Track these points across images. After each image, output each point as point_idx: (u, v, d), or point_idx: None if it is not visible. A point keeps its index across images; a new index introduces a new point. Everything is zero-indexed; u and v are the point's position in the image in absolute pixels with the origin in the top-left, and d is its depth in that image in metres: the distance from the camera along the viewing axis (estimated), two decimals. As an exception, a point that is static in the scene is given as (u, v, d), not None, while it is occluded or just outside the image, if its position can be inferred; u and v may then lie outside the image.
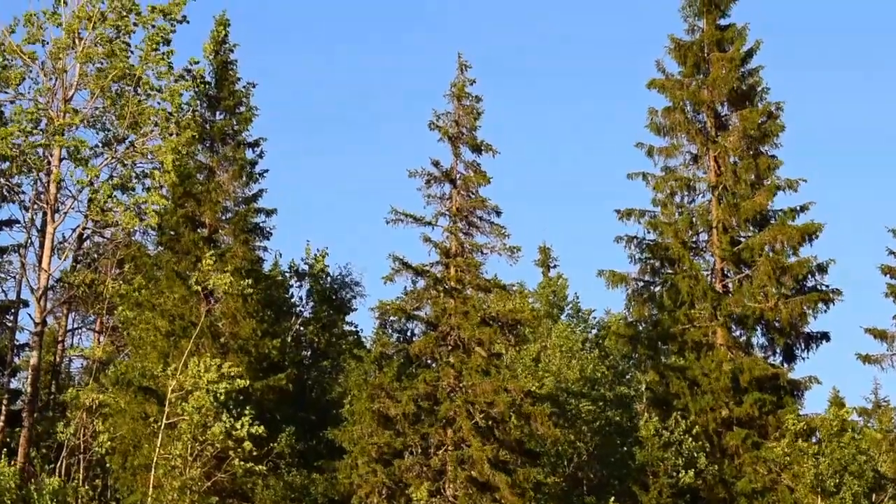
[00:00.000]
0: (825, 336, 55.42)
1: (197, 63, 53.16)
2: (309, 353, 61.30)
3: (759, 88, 57.35)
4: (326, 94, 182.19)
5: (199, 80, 53.52)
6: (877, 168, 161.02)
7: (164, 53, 52.30)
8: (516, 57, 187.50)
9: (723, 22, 58.37)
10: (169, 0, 52.97)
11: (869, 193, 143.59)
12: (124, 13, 52.25)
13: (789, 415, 51.39)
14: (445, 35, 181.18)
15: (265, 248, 56.47)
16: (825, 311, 54.64)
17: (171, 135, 52.17)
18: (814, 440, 51.58)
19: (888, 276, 51.44)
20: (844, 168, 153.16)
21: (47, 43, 51.74)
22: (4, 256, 55.63)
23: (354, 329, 65.82)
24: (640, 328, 58.99)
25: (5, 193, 54.90)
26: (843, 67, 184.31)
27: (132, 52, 52.30)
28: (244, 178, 54.95)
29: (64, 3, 52.21)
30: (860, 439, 52.35)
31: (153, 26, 52.22)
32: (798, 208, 55.42)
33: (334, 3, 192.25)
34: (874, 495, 50.02)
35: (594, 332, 75.12)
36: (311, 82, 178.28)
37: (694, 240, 56.66)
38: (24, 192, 54.13)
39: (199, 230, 52.19)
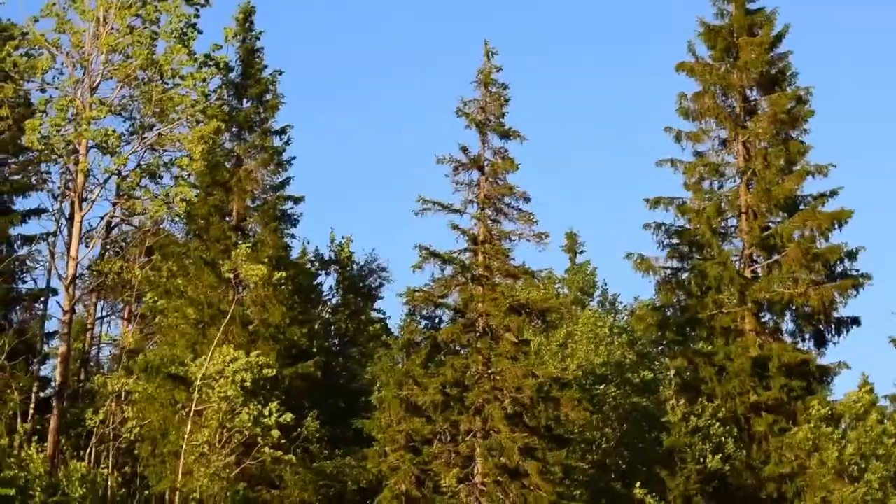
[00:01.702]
0: (856, 321, 55.08)
1: (220, 48, 52.96)
2: (337, 340, 61.26)
3: (789, 73, 57.03)
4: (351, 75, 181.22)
5: (222, 67, 53.35)
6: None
7: (185, 41, 51.97)
8: (544, 40, 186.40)
9: (752, 6, 58.04)
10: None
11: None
12: (149, 6, 52.08)
13: (815, 400, 51.14)
14: (475, 19, 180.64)
15: (293, 236, 56.57)
16: (855, 296, 54.37)
17: (198, 123, 51.93)
18: (842, 426, 51.28)
19: (917, 261, 51.23)
20: (874, 153, 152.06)
21: (73, 33, 51.54)
22: (33, 245, 55.74)
23: (382, 316, 65.81)
24: (669, 314, 58.70)
25: (34, 182, 54.93)
26: (874, 56, 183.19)
27: (158, 40, 52.03)
28: (272, 166, 55.02)
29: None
30: (888, 423, 51.96)
31: (184, 14, 51.97)
32: (828, 193, 55.04)
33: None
34: (904, 480, 49.68)
35: (623, 318, 74.88)
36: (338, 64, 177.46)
37: (722, 225, 56.36)
38: (52, 181, 54.09)
39: (227, 219, 52.37)
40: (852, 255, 54.53)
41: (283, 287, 50.59)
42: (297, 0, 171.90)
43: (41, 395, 51.59)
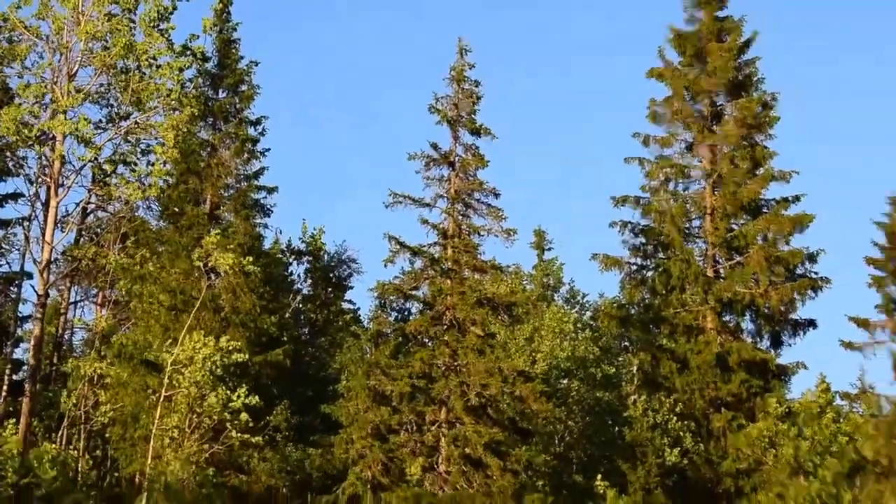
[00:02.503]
0: (812, 323, 55.58)
1: (197, 38, 53.26)
2: (307, 329, 61.59)
3: (755, 79, 57.43)
4: (323, 73, 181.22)
5: (198, 57, 53.61)
6: (866, 159, 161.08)
7: (162, 30, 52.22)
8: (518, 42, 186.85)
9: (721, 13, 58.44)
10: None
11: (859, 184, 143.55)
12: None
13: (773, 398, 51.68)
14: (450, 19, 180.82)
15: (265, 226, 56.68)
16: (813, 298, 54.84)
17: (173, 111, 52.19)
18: (798, 423, 51.81)
19: (872, 266, 51.52)
20: (834, 158, 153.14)
21: (54, 20, 51.74)
22: (9, 229, 55.84)
23: (352, 307, 66.12)
24: (632, 311, 59.12)
25: (10, 167, 54.97)
26: (838, 61, 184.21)
27: (135, 28, 52.26)
28: (245, 156, 55.17)
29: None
30: (843, 423, 52.54)
31: (161, 4, 52.22)
32: (791, 198, 55.54)
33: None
34: (856, 476, 50.21)
35: (587, 314, 75.32)
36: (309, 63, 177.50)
37: (687, 226, 56.77)
38: (28, 166, 54.16)
39: (201, 206, 52.44)
40: (813, 259, 55.07)
41: (255, 275, 50.81)
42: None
43: (14, 377, 51.75)
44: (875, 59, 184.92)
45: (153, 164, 52.06)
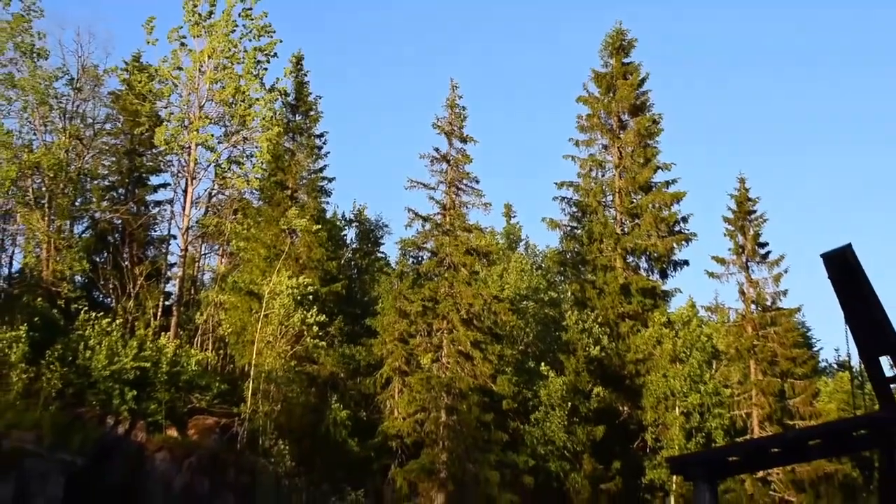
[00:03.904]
0: (686, 262, 56.08)
1: (280, 81, 53.63)
2: (355, 270, 61.80)
3: (648, 103, 57.67)
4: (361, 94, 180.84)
5: (282, 93, 54.02)
6: (726, 150, 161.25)
7: (258, 75, 52.53)
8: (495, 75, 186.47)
9: (626, 60, 58.61)
10: (266, 41, 53.25)
11: (718, 169, 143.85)
12: (235, 51, 52.56)
13: (658, 312, 52.21)
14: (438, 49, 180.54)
15: (327, 202, 57.05)
16: (686, 245, 55.28)
17: (267, 129, 52.51)
18: (675, 328, 52.24)
19: (726, 223, 51.93)
20: (703, 152, 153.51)
21: (187, 70, 52.00)
22: (161, 207, 56.09)
23: (384, 256, 66.34)
24: (568, 256, 59.48)
25: (161, 167, 55.31)
26: (708, 85, 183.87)
27: (242, 77, 52.55)
28: (314, 157, 55.49)
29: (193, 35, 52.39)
30: (704, 327, 52.98)
31: (258, 59, 52.42)
32: (670, 181, 55.95)
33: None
34: (713, 363, 50.84)
35: (539, 259, 75.56)
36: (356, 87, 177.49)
37: (603, 200, 57.05)
38: (173, 166, 54.51)
39: (285, 191, 52.68)
40: (685, 220, 55.49)
41: (321, 235, 51.28)
42: (338, 43, 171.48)
43: (166, 303, 52.08)
44: (729, 82, 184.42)
45: (254, 165, 52.38)
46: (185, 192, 51.69)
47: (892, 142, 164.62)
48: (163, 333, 45.72)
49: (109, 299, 50.44)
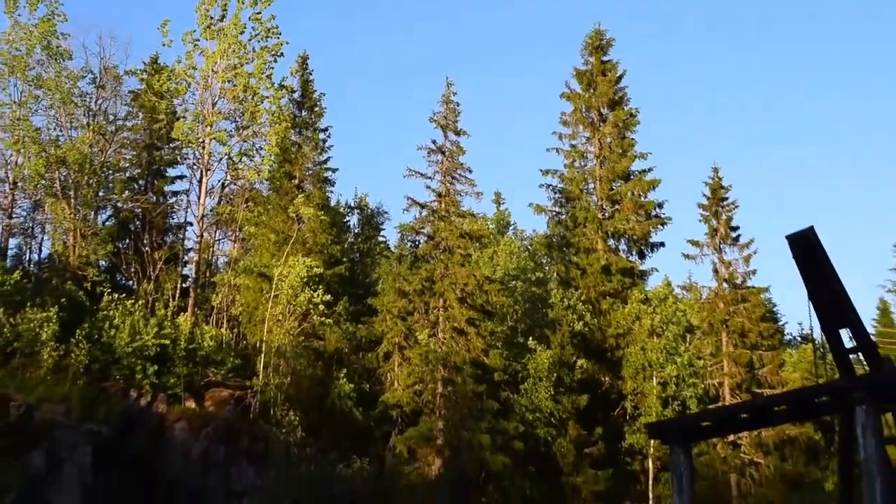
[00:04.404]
0: (662, 244, 55.92)
1: (287, 79, 53.69)
2: (358, 254, 61.85)
3: (626, 98, 57.45)
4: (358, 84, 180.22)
5: (289, 90, 54.01)
6: (698, 140, 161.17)
7: (268, 74, 52.55)
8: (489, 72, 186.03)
9: (605, 58, 58.39)
10: (274, 42, 53.16)
11: (694, 156, 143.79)
12: (244, 52, 52.49)
13: (636, 290, 52.25)
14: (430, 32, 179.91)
15: (332, 191, 57.21)
16: (662, 229, 55.16)
17: (275, 124, 52.47)
18: (652, 304, 52.22)
19: (701, 209, 51.88)
20: (679, 142, 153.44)
21: (201, 69, 51.89)
22: (178, 196, 56.08)
23: (384, 240, 66.38)
24: (554, 239, 59.43)
25: (178, 159, 55.29)
26: (678, 84, 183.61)
27: (251, 73, 52.53)
28: (318, 150, 55.49)
29: (205, 38, 52.24)
30: (679, 303, 53.05)
31: (266, 59, 52.28)
32: (647, 169, 55.79)
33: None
34: (687, 337, 50.94)
35: (526, 242, 75.64)
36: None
37: (585, 187, 56.96)
38: (188, 158, 54.47)
39: (292, 180, 52.67)
40: (661, 205, 55.35)
41: (325, 222, 51.27)
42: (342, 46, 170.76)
43: (183, 285, 52.12)
44: (700, 81, 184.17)
45: (263, 157, 52.33)
46: (199, 182, 51.67)
47: (849, 136, 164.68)
48: (181, 313, 45.93)
49: (131, 282, 50.55)
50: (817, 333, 23.42)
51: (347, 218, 63.83)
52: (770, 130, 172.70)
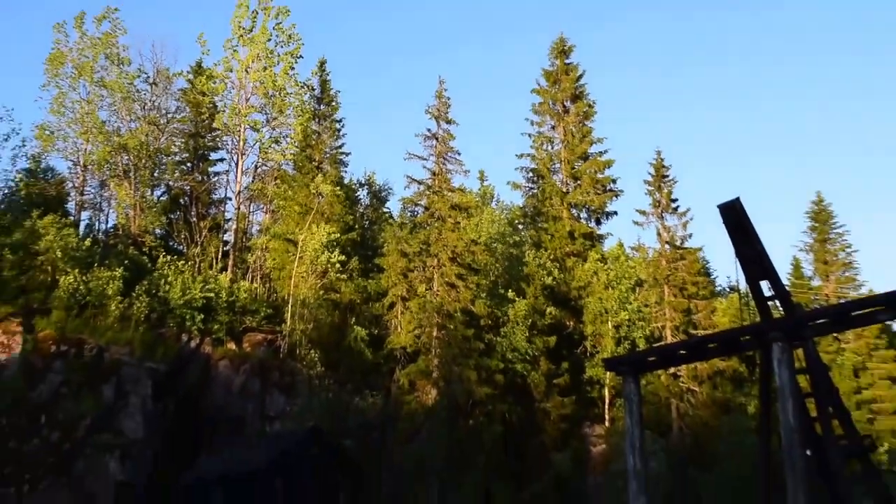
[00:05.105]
0: (615, 213, 55.46)
1: (310, 79, 53.55)
2: (367, 222, 61.70)
3: (585, 94, 56.89)
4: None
5: (310, 88, 53.83)
6: (649, 127, 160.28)
7: (292, 74, 52.36)
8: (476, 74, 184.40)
9: (568, 61, 57.83)
10: (294, 46, 52.83)
11: (644, 138, 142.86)
12: (272, 56, 52.29)
13: (594, 250, 52.17)
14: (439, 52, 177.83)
15: (345, 171, 56.98)
16: (615, 200, 54.68)
17: (298, 116, 52.31)
18: (607, 263, 52.05)
19: (647, 185, 51.64)
20: (631, 128, 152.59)
21: (237, 71, 51.59)
22: (219, 176, 55.94)
23: (388, 211, 66.15)
24: (528, 210, 59.25)
25: (218, 145, 55.11)
26: (638, 73, 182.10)
27: (277, 73, 52.32)
28: (335, 137, 55.26)
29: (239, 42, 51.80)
30: (630, 261, 52.88)
31: (290, 62, 52.04)
32: (603, 151, 55.38)
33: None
34: (636, 288, 50.89)
35: (506, 212, 75.33)
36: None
37: (552, 167, 56.62)
38: (227, 144, 54.30)
39: (313, 162, 52.53)
40: (614, 181, 54.89)
41: (341, 196, 51.19)
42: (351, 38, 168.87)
43: (224, 249, 52.16)
44: (647, 70, 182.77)
45: (289, 143, 52.20)
46: (237, 164, 51.70)
47: (775, 111, 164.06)
48: (222, 272, 46.10)
49: (181, 247, 50.58)
50: (742, 285, 23.59)
51: (358, 193, 63.60)
52: (705, 115, 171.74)
